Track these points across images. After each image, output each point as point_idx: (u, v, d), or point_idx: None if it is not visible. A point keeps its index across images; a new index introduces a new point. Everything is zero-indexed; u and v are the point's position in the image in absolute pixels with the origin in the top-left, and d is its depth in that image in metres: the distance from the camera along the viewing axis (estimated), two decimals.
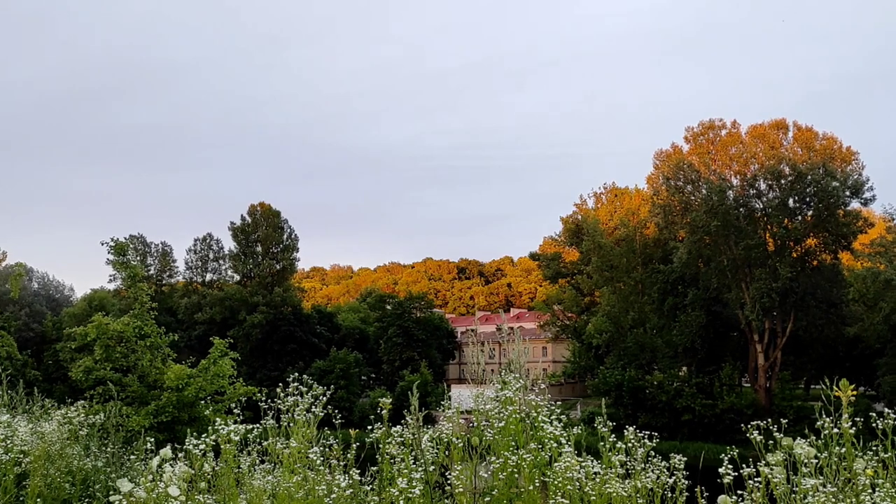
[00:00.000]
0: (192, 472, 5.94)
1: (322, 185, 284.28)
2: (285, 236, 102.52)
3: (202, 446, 6.00)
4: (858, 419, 5.25)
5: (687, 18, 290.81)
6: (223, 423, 6.28)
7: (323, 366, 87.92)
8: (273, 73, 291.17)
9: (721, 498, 5.33)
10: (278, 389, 6.55)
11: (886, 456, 5.16)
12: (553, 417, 5.50)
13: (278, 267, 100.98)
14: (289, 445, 6.21)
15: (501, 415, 5.50)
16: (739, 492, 5.38)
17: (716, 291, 69.14)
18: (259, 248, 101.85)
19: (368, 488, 6.01)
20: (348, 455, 6.28)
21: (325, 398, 6.38)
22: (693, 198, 69.15)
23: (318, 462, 5.83)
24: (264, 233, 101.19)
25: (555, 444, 5.28)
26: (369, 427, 5.96)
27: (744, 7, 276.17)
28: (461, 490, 5.27)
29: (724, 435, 58.30)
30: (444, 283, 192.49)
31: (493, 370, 6.56)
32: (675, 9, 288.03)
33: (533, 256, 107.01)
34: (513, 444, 5.38)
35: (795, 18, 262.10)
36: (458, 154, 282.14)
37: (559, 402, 5.88)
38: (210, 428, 6.13)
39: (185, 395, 13.82)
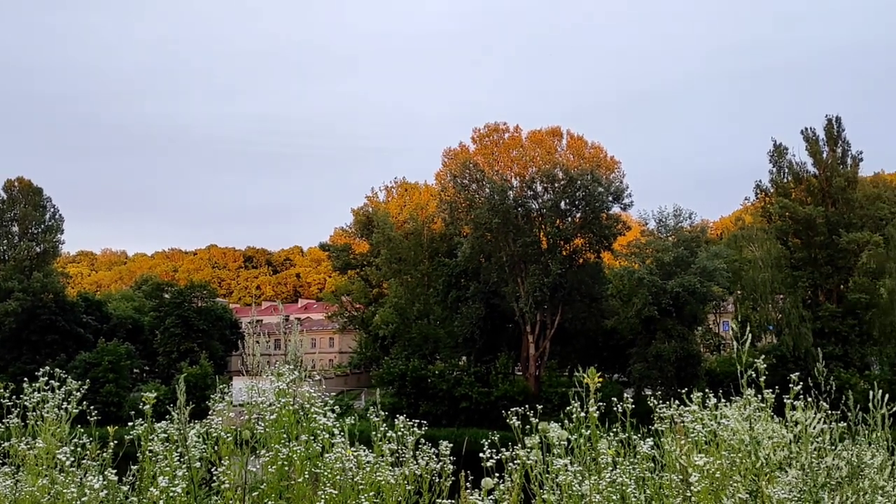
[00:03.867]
0: None
1: (96, 163, 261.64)
2: (48, 216, 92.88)
3: None
4: (602, 403, 5.80)
5: (485, 24, 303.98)
6: None
7: (89, 358, 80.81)
8: (39, 39, 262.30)
9: (484, 480, 5.63)
10: (24, 385, 5.93)
11: (624, 436, 5.75)
12: (327, 409, 5.50)
13: (38, 249, 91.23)
14: (34, 446, 5.63)
15: (274, 407, 5.41)
16: (503, 474, 5.70)
17: (495, 285, 73.07)
18: (15, 228, 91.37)
19: (127, 488, 5.61)
20: (105, 454, 5.82)
21: (79, 393, 5.86)
22: (477, 196, 72.52)
23: (69, 463, 5.35)
24: (22, 211, 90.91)
25: (327, 435, 5.29)
26: (130, 423, 5.56)
27: (537, 19, 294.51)
28: (227, 486, 5.09)
29: (497, 421, 61.36)
30: (230, 271, 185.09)
31: (277, 362, 6.41)
32: (476, 14, 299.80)
33: (323, 247, 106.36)
34: (285, 436, 5.31)
35: (582, 35, 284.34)
36: (250, 140, 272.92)
37: (343, 392, 5.87)
38: None
39: None
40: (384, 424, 5.61)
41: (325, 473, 5.04)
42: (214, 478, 5.25)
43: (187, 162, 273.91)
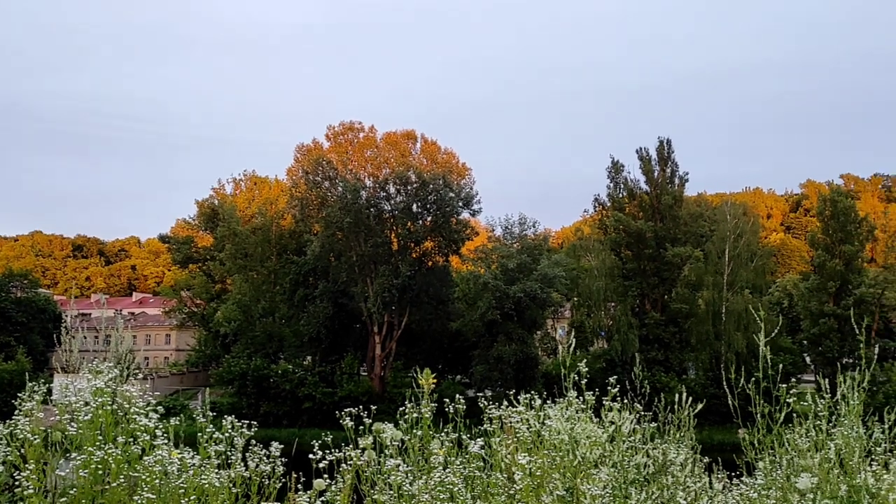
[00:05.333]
0: None
1: None
2: None
3: None
4: (435, 404, 5.91)
5: (338, 22, 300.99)
6: None
7: None
8: None
9: (316, 482, 5.57)
10: None
11: (455, 436, 5.89)
12: (149, 409, 5.22)
13: None
14: None
15: (89, 407, 5.06)
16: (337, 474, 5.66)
17: (344, 285, 72.59)
18: None
19: None
20: None
21: None
22: (330, 194, 71.78)
23: None
24: None
25: (148, 437, 5.02)
26: None
27: (391, 22, 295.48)
28: (32, 491, 4.70)
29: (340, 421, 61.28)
30: (56, 260, 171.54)
31: (105, 358, 6.00)
32: (330, 10, 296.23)
33: (163, 239, 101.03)
34: (100, 438, 4.98)
35: (436, 43, 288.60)
36: (83, 120, 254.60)
37: (179, 392, 5.58)
38: None
39: None
40: (211, 425, 5.40)
41: (144, 477, 4.78)
42: (18, 483, 4.83)
43: (6, 140, 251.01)
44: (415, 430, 5.78)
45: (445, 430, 6.01)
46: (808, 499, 4.77)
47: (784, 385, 5.13)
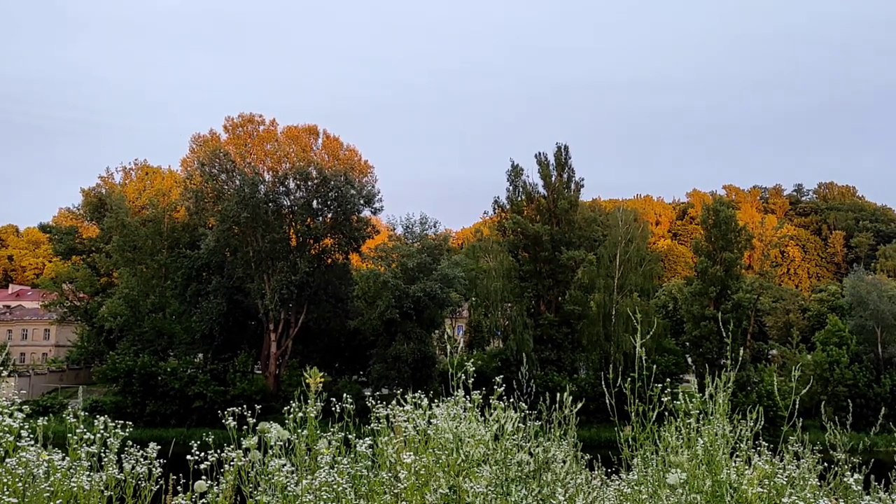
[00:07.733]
0: None
1: None
2: None
3: None
4: (322, 403, 5.85)
5: (244, 12, 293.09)
6: None
7: None
8: None
9: (197, 483, 5.42)
10: None
11: (341, 436, 5.85)
12: (14, 408, 4.94)
13: None
14: None
15: None
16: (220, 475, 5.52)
17: (239, 281, 70.73)
18: None
19: None
20: None
21: None
22: (227, 187, 69.79)
23: None
24: None
25: (11, 438, 4.74)
26: None
27: (294, 18, 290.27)
28: None
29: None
30: None
31: None
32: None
33: (44, 228, 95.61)
34: None
35: (339, 41, 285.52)
36: None
37: (58, 390, 5.28)
38: None
39: None
40: (83, 425, 5.15)
41: (6, 480, 4.51)
42: None
43: None
44: (301, 430, 5.71)
45: (332, 429, 5.96)
46: (677, 493, 5.02)
47: (658, 385, 5.38)
